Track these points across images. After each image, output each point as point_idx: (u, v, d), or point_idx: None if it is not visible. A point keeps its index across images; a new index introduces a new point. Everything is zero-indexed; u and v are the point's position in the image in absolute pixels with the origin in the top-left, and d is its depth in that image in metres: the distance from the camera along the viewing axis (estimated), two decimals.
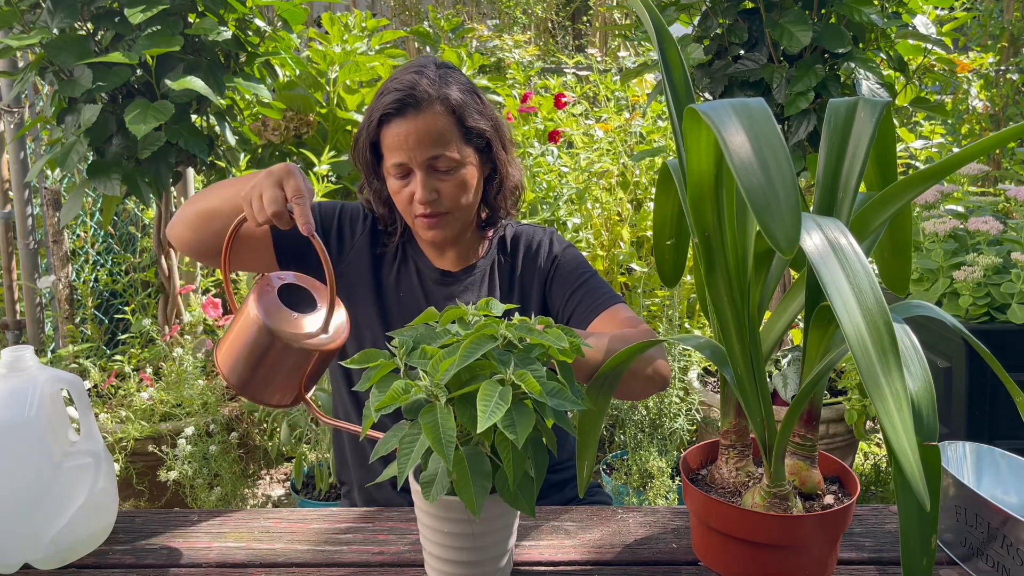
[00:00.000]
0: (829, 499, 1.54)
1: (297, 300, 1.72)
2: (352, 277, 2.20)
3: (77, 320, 4.40)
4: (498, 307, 1.57)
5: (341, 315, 1.73)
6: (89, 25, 3.53)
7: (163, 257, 4.10)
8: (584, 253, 4.73)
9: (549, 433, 1.44)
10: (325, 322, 1.67)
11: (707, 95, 3.68)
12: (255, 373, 1.65)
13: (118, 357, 3.97)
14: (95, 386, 3.81)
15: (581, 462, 1.63)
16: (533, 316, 1.51)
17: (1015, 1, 6.61)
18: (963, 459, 1.75)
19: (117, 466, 3.41)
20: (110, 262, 4.96)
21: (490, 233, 2.28)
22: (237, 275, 4.18)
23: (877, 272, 1.44)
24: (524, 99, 5.56)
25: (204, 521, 1.83)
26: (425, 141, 2.02)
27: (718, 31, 3.64)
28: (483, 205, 2.22)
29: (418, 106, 2.03)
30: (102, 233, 4.93)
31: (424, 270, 2.22)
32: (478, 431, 1.29)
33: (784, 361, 3.66)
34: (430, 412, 1.35)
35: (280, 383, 1.67)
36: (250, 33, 3.85)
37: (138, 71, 3.55)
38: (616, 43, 8.70)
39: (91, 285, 4.68)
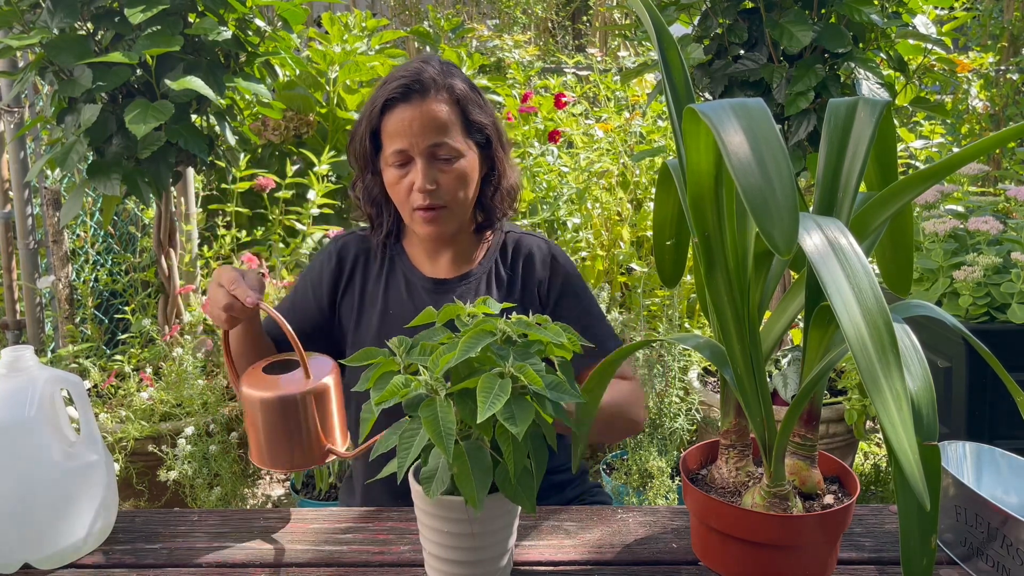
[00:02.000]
0: (829, 499, 1.54)
1: (284, 372, 1.79)
2: (343, 314, 2.22)
3: (77, 320, 4.40)
4: (495, 306, 1.57)
5: (320, 359, 1.80)
6: (89, 25, 3.53)
7: (163, 257, 4.09)
8: (584, 253, 4.74)
9: (549, 428, 1.44)
10: (304, 370, 1.73)
11: (707, 95, 3.68)
12: (277, 444, 1.73)
13: (118, 357, 3.97)
14: (95, 386, 3.81)
15: (576, 443, 1.64)
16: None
17: (1015, 1, 6.61)
18: (963, 459, 1.75)
19: (117, 466, 3.41)
20: (110, 262, 4.96)
21: (487, 235, 2.26)
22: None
23: (878, 272, 1.45)
24: (524, 99, 5.56)
25: (204, 521, 1.83)
26: (429, 127, 2.02)
27: (718, 31, 3.64)
28: (478, 208, 2.21)
29: (424, 92, 2.03)
30: (102, 233, 4.93)
31: (414, 280, 2.20)
32: (478, 421, 1.29)
33: (784, 361, 3.66)
34: (430, 406, 1.35)
35: (299, 440, 1.73)
36: (250, 33, 3.85)
37: (138, 71, 3.55)
38: (616, 43, 8.70)
39: (91, 285, 4.68)
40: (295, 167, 4.81)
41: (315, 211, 4.52)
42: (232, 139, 3.87)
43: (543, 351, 1.49)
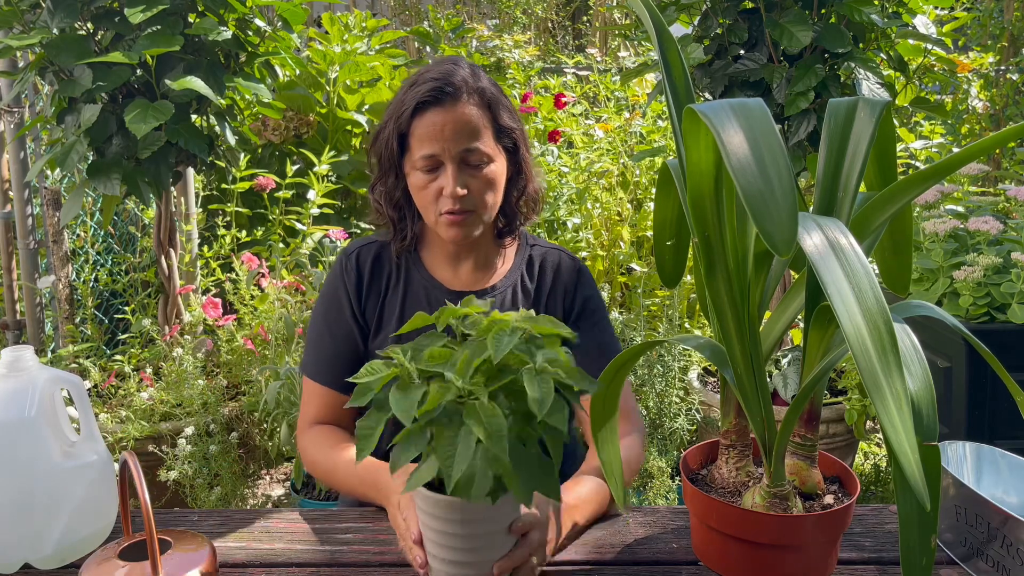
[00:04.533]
0: (829, 499, 1.54)
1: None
2: (369, 323, 2.13)
3: (77, 320, 4.40)
4: (482, 304, 1.55)
5: (195, 551, 1.47)
6: (89, 25, 3.53)
7: (163, 257, 4.10)
8: (584, 253, 4.74)
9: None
10: (152, 564, 1.35)
11: (707, 95, 3.68)
12: None
13: (118, 357, 3.97)
14: (95, 386, 3.81)
15: (610, 473, 1.57)
16: None
17: (1015, 1, 6.61)
18: (963, 459, 1.75)
19: (117, 466, 3.40)
20: (110, 262, 4.96)
21: (508, 242, 2.20)
22: (237, 274, 4.18)
23: (878, 272, 1.45)
24: (524, 99, 5.57)
25: (204, 521, 1.83)
26: (461, 132, 1.96)
27: (718, 31, 3.64)
28: (500, 213, 2.14)
29: (456, 95, 1.97)
30: (102, 233, 4.93)
31: (434, 292, 2.12)
32: (539, 419, 1.31)
33: (784, 361, 3.66)
34: (475, 410, 1.34)
35: None
36: (250, 33, 3.85)
37: (138, 71, 3.55)
38: (616, 43, 8.70)
39: (91, 285, 4.67)
40: (295, 167, 4.81)
41: (315, 211, 4.52)
42: (232, 139, 3.86)
43: (552, 343, 1.48)
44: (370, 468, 1.83)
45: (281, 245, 4.55)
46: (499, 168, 2.04)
